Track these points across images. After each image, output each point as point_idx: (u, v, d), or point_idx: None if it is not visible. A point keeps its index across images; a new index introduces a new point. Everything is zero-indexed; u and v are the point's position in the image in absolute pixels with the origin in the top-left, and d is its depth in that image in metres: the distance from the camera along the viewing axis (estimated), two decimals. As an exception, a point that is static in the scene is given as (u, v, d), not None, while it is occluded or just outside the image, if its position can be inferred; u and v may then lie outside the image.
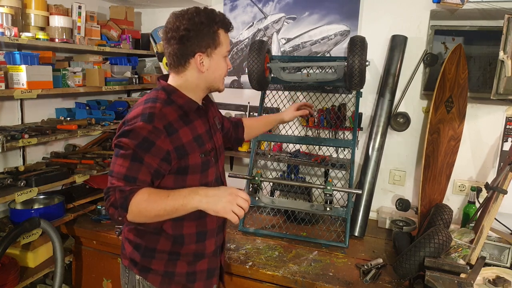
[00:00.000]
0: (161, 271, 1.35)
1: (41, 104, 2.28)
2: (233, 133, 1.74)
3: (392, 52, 2.19)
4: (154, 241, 1.34)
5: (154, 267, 1.35)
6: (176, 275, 1.36)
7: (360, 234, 2.11)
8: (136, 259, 1.36)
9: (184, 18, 1.26)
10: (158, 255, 1.34)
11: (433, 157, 2.07)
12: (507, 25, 1.79)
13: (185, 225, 1.34)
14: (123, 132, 1.22)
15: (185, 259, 1.37)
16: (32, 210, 2.02)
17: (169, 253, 1.35)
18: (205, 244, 1.40)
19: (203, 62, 1.30)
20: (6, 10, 1.80)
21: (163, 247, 1.34)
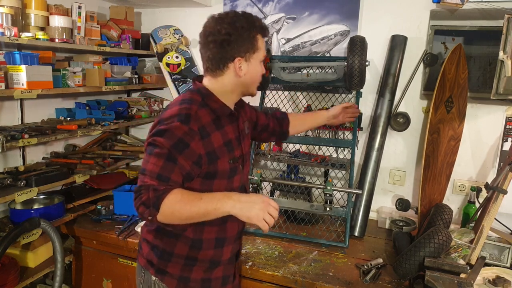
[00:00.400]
0: (176, 275, 1.35)
1: (41, 104, 2.28)
2: (277, 127, 1.73)
3: (392, 52, 2.19)
4: (172, 245, 1.34)
5: (170, 270, 1.35)
6: (191, 280, 1.36)
7: (360, 234, 2.11)
8: (153, 261, 1.37)
9: (224, 22, 1.26)
10: (174, 259, 1.35)
11: (433, 157, 2.07)
12: (507, 25, 1.79)
13: (205, 230, 1.34)
14: (158, 131, 1.20)
15: (201, 265, 1.37)
16: (32, 210, 2.02)
17: (185, 258, 1.35)
18: (223, 251, 1.40)
19: (242, 66, 1.30)
20: (6, 10, 1.80)
21: (180, 251, 1.34)
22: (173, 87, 2.65)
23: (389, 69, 2.19)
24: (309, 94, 2.44)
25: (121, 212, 2.25)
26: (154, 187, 1.13)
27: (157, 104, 2.80)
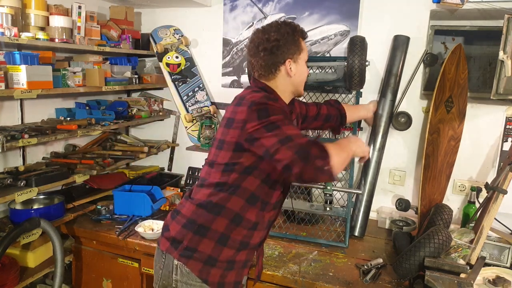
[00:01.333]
0: (205, 255, 1.37)
1: (41, 104, 2.28)
2: (333, 111, 1.92)
3: (394, 52, 2.18)
4: (211, 220, 1.37)
5: (200, 248, 1.37)
6: (218, 261, 1.39)
7: (360, 234, 2.11)
8: (184, 239, 1.38)
9: (271, 30, 1.41)
10: (210, 234, 1.38)
11: (433, 157, 2.07)
12: (507, 25, 1.79)
13: (249, 210, 1.39)
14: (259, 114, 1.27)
15: (232, 245, 1.40)
16: (32, 210, 2.02)
17: (221, 234, 1.38)
18: (253, 234, 1.44)
19: (291, 67, 1.44)
20: (6, 10, 1.80)
21: (218, 227, 1.37)
22: (173, 87, 2.65)
23: (391, 69, 2.18)
24: (309, 94, 2.44)
25: (121, 212, 2.25)
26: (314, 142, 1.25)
27: (157, 104, 2.80)
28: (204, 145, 2.56)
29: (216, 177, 1.39)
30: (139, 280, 2.04)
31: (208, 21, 2.68)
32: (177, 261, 1.39)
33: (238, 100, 1.38)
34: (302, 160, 1.21)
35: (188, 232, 1.39)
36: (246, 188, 1.37)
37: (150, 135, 2.95)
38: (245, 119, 1.29)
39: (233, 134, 1.33)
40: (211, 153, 1.44)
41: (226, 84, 2.70)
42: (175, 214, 1.48)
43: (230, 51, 2.65)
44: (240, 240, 1.41)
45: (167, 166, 2.95)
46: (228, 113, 1.39)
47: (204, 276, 1.38)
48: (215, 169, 1.40)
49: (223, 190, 1.37)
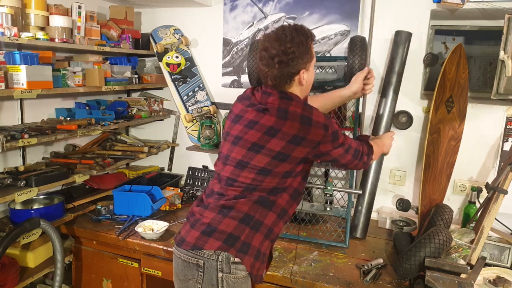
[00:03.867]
0: (255, 248, 1.40)
1: (41, 104, 2.28)
2: None
3: (396, 49, 2.14)
4: (264, 215, 1.42)
5: (254, 242, 1.40)
6: (261, 254, 1.43)
7: (361, 235, 2.10)
8: (241, 235, 1.38)
9: (286, 41, 1.37)
10: (262, 229, 1.41)
11: (434, 157, 2.07)
12: (508, 25, 1.78)
13: (292, 205, 1.49)
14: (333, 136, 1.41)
15: (270, 237, 1.45)
16: (32, 210, 2.02)
17: (269, 229, 1.43)
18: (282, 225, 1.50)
19: (304, 76, 1.43)
20: (6, 10, 1.80)
21: (269, 222, 1.42)
22: (173, 87, 2.65)
23: (392, 67, 2.16)
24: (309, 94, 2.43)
25: (121, 212, 2.25)
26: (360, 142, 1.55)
27: (157, 104, 2.80)
28: (204, 145, 2.56)
29: (272, 184, 1.41)
30: (139, 280, 2.04)
31: (208, 21, 2.68)
32: (221, 273, 1.36)
33: (301, 118, 1.36)
34: (356, 159, 1.50)
35: (245, 227, 1.39)
36: (292, 186, 1.46)
37: (150, 135, 2.95)
38: (319, 141, 1.38)
39: (302, 151, 1.37)
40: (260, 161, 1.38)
41: (226, 84, 2.70)
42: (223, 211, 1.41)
43: (230, 51, 2.65)
44: (278, 233, 1.49)
45: (167, 166, 2.95)
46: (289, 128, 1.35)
47: (252, 270, 1.40)
48: (270, 179, 1.40)
49: (278, 192, 1.43)
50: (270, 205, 1.42)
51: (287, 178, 1.42)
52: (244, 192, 1.41)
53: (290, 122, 1.36)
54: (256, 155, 1.38)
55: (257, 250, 1.41)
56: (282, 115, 1.36)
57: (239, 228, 1.38)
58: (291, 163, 1.39)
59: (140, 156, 2.53)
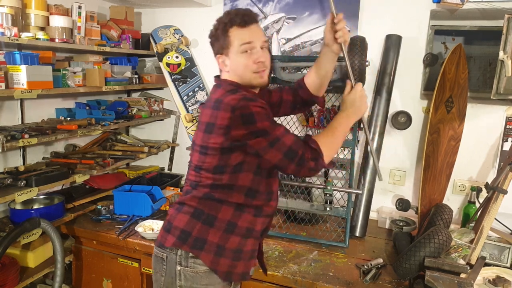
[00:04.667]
0: (214, 244, 1.35)
1: (41, 104, 2.28)
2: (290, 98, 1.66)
3: (388, 52, 2.20)
4: (217, 209, 1.36)
5: (210, 237, 1.35)
6: (226, 250, 1.37)
7: (361, 234, 2.11)
8: (192, 231, 1.36)
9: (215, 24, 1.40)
10: (217, 224, 1.36)
11: (433, 157, 2.07)
12: (507, 25, 1.79)
13: (255, 200, 1.39)
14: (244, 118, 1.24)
15: (239, 232, 1.38)
16: (32, 210, 2.02)
17: (227, 223, 1.36)
18: (257, 221, 1.42)
19: (225, 62, 1.39)
20: (6, 10, 1.80)
21: (224, 216, 1.36)
22: (173, 87, 2.65)
23: (385, 68, 2.19)
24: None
25: (121, 212, 2.25)
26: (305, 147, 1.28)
27: (157, 104, 2.80)
28: (204, 145, 2.56)
29: (208, 180, 1.36)
30: (139, 280, 2.04)
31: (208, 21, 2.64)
32: (179, 267, 1.36)
33: (214, 103, 1.32)
34: (291, 161, 1.26)
35: (196, 223, 1.37)
36: (241, 185, 1.35)
37: (150, 135, 2.95)
38: (228, 125, 1.26)
39: (215, 139, 1.30)
40: (195, 158, 1.39)
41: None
42: (178, 206, 1.44)
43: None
44: (246, 227, 1.40)
45: (167, 166, 2.95)
46: (206, 116, 1.34)
47: (215, 266, 1.36)
48: (204, 174, 1.37)
49: (219, 190, 1.36)
50: (220, 201, 1.36)
51: (221, 174, 1.33)
52: (192, 189, 1.41)
53: (206, 110, 1.34)
54: (192, 152, 1.42)
55: (218, 246, 1.36)
56: (215, 106, 1.31)
57: (190, 223, 1.37)
58: (214, 156, 1.32)
59: (140, 156, 2.53)
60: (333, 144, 1.34)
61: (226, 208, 1.36)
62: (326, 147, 1.30)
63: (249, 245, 1.43)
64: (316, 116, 2.38)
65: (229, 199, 1.36)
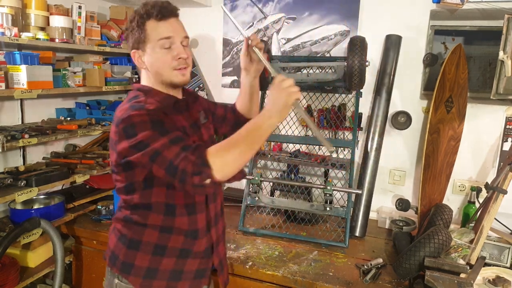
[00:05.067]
0: (144, 268, 1.29)
1: (41, 104, 2.28)
2: (232, 117, 1.59)
3: (387, 52, 2.20)
4: (141, 233, 1.29)
5: (137, 262, 1.29)
6: (159, 272, 1.30)
7: (361, 234, 2.12)
8: (120, 254, 1.31)
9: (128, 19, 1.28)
10: (143, 247, 1.29)
11: (433, 157, 2.07)
12: (507, 25, 1.79)
13: (176, 220, 1.29)
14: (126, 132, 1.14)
15: (171, 254, 1.31)
16: (32, 210, 2.02)
17: (155, 246, 1.29)
18: (195, 242, 1.33)
19: (141, 58, 1.27)
20: (6, 10, 1.80)
21: (150, 239, 1.29)
22: (173, 87, 2.64)
23: (385, 68, 2.20)
24: (309, 94, 2.44)
25: (121, 212, 2.25)
26: (185, 151, 1.07)
27: (157, 104, 2.80)
28: (204, 145, 2.56)
29: (125, 202, 1.32)
30: (139, 280, 2.04)
31: (208, 21, 2.68)
32: (117, 280, 1.32)
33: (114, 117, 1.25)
34: (174, 178, 1.09)
35: (122, 247, 1.31)
36: (157, 202, 1.26)
37: (150, 135, 2.94)
38: (115, 140, 1.18)
39: (112, 157, 1.24)
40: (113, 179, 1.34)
41: (226, 84, 2.70)
42: (112, 224, 1.40)
43: (230, 51, 2.65)
44: (180, 248, 1.31)
45: (167, 166, 2.94)
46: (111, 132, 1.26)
47: None
48: (121, 195, 1.32)
49: (136, 212, 1.29)
50: (141, 224, 1.28)
51: (133, 193, 1.26)
52: (118, 209, 1.38)
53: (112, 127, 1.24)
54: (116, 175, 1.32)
55: (148, 269, 1.29)
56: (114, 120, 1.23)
57: (118, 246, 1.33)
58: (120, 174, 1.24)
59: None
60: (233, 153, 1.09)
61: (150, 231, 1.28)
62: (221, 158, 1.08)
63: (191, 264, 1.34)
64: (316, 116, 2.39)
65: (148, 222, 1.28)
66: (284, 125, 2.44)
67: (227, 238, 2.01)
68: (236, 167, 1.10)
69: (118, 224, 1.36)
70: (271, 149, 2.52)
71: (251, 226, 2.16)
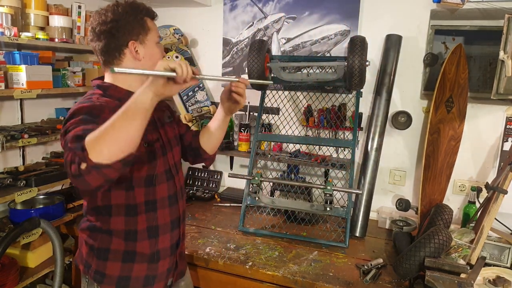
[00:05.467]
0: (115, 277, 1.30)
1: (41, 104, 2.28)
2: (193, 143, 1.59)
3: (388, 52, 2.20)
4: (107, 241, 1.29)
5: (108, 272, 1.30)
6: (132, 280, 1.31)
7: (361, 234, 2.11)
8: (92, 264, 1.32)
9: (107, 11, 1.25)
10: (112, 256, 1.29)
11: (433, 157, 2.07)
12: (507, 25, 1.78)
13: (138, 220, 1.29)
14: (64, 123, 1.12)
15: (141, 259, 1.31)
16: (32, 210, 2.01)
17: (123, 253, 1.30)
18: (158, 240, 1.34)
19: (138, 49, 1.28)
20: (6, 10, 1.80)
21: (118, 246, 1.29)
22: (173, 87, 2.64)
23: (385, 68, 2.20)
24: (309, 94, 2.44)
25: (121, 212, 2.24)
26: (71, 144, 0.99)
27: (157, 104, 2.80)
28: (204, 145, 2.56)
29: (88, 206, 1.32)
30: (139, 280, 2.04)
31: (208, 20, 2.68)
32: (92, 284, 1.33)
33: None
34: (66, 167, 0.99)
35: (93, 257, 1.32)
36: (112, 205, 1.27)
37: (150, 135, 2.94)
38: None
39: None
40: None
41: (226, 84, 2.69)
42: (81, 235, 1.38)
43: (230, 51, 2.65)
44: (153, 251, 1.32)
45: (167, 166, 2.94)
46: None
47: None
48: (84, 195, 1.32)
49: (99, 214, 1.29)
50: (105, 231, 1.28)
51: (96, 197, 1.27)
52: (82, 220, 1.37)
53: None
54: None
55: (119, 278, 1.30)
56: None
57: (90, 255, 1.33)
58: None
59: (140, 156, 2.53)
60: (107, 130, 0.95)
61: (116, 239, 1.28)
62: (94, 138, 0.94)
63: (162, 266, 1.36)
64: (316, 116, 2.39)
65: (111, 227, 1.28)
66: (284, 125, 2.44)
67: (226, 239, 2.01)
68: (113, 144, 0.95)
69: (83, 233, 1.35)
70: (271, 149, 2.52)
71: (251, 226, 2.16)
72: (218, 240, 2.00)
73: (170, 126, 1.46)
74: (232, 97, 1.42)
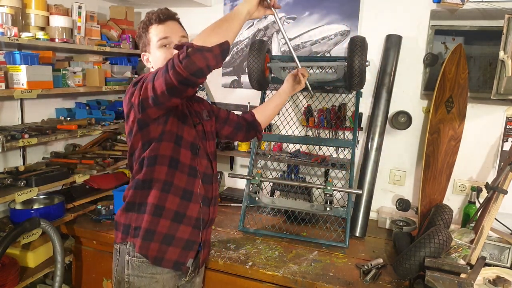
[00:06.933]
0: (144, 229, 1.40)
1: (41, 104, 2.28)
2: (242, 120, 1.77)
3: (388, 52, 2.20)
4: (145, 195, 1.41)
5: (143, 224, 1.40)
6: (156, 234, 1.40)
7: (361, 234, 2.11)
8: (131, 222, 1.42)
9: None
10: (146, 208, 1.40)
11: (433, 157, 2.07)
12: (507, 25, 1.79)
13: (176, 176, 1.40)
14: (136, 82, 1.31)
15: (167, 215, 1.41)
16: (32, 210, 2.02)
17: (155, 206, 1.39)
18: (189, 205, 1.44)
19: (148, 59, 1.49)
20: (6, 10, 1.80)
21: (152, 200, 1.40)
22: (173, 87, 2.64)
23: (385, 68, 2.20)
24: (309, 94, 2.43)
25: (121, 212, 2.24)
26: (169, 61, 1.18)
27: (157, 104, 2.79)
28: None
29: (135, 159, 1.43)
30: (139, 280, 2.04)
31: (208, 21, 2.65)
32: (128, 257, 1.43)
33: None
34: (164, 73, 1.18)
35: (133, 214, 1.43)
36: (154, 178, 1.39)
37: (150, 135, 2.94)
38: (128, 97, 1.33)
39: (127, 127, 1.39)
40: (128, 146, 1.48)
41: (226, 84, 2.70)
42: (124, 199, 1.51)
43: (230, 51, 2.65)
44: (175, 210, 1.42)
45: (167, 166, 2.94)
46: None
47: (144, 251, 1.40)
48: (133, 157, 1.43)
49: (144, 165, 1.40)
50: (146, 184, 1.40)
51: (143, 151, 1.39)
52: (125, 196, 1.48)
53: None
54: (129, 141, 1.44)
55: (146, 231, 1.40)
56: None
57: (127, 216, 1.44)
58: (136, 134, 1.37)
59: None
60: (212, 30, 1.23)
61: (155, 191, 1.39)
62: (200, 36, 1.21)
63: (183, 232, 1.44)
64: (316, 116, 2.39)
65: (154, 176, 1.38)
66: (284, 125, 2.45)
67: (227, 238, 2.02)
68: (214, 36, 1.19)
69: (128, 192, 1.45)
70: (271, 149, 2.52)
71: (251, 226, 2.16)
72: (218, 240, 2.00)
73: (208, 123, 1.60)
74: (297, 78, 1.77)
